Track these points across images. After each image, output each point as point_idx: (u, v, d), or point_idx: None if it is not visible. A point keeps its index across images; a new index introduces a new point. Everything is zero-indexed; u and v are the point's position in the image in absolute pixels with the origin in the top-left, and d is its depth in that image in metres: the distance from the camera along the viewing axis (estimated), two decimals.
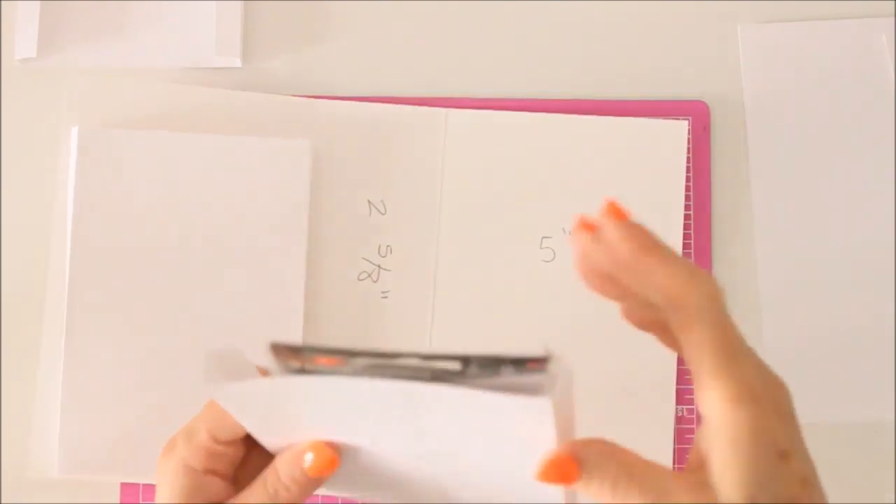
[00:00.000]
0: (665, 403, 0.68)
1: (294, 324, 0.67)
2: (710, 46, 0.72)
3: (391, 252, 0.69)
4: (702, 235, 0.70)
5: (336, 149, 0.69)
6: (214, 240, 0.68)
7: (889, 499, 0.68)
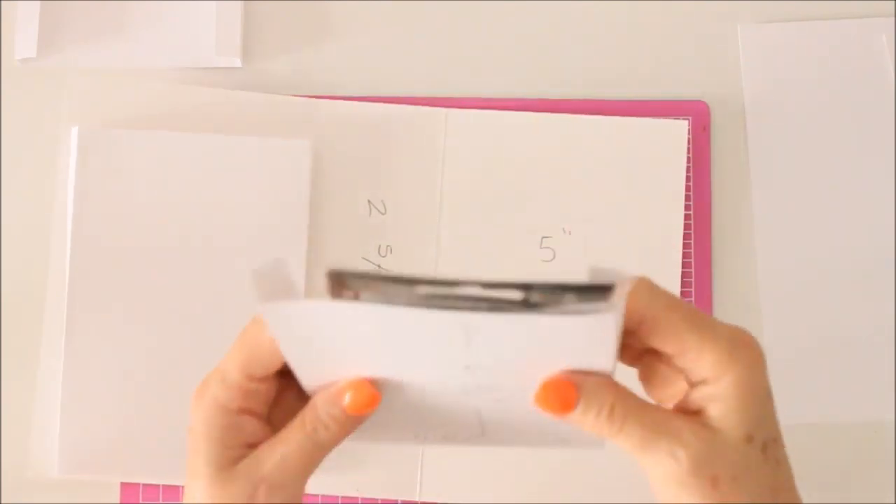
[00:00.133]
0: None
1: None
2: (710, 46, 0.72)
3: (391, 252, 0.69)
4: (702, 235, 0.70)
5: (336, 149, 0.69)
6: (214, 240, 0.68)
7: (889, 499, 0.68)
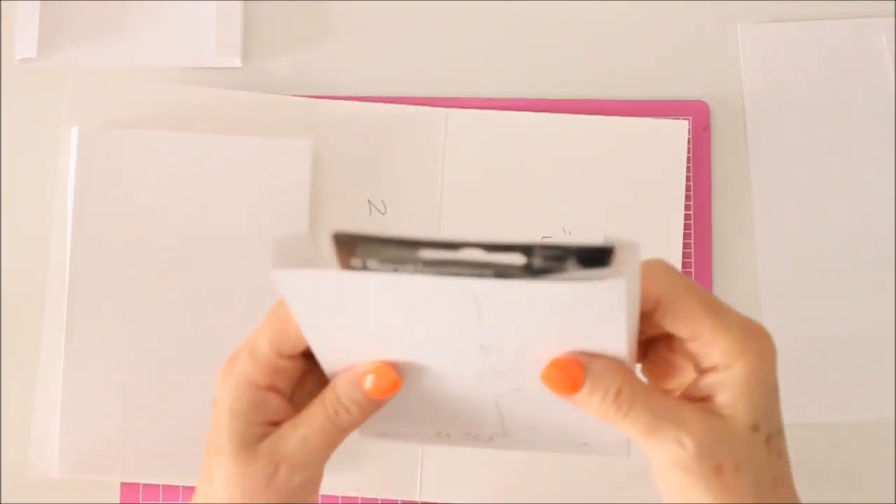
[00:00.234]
0: None
1: None
2: (710, 46, 0.72)
3: None
4: (702, 235, 0.70)
5: (336, 149, 0.69)
6: (214, 240, 0.68)
7: (889, 499, 0.68)
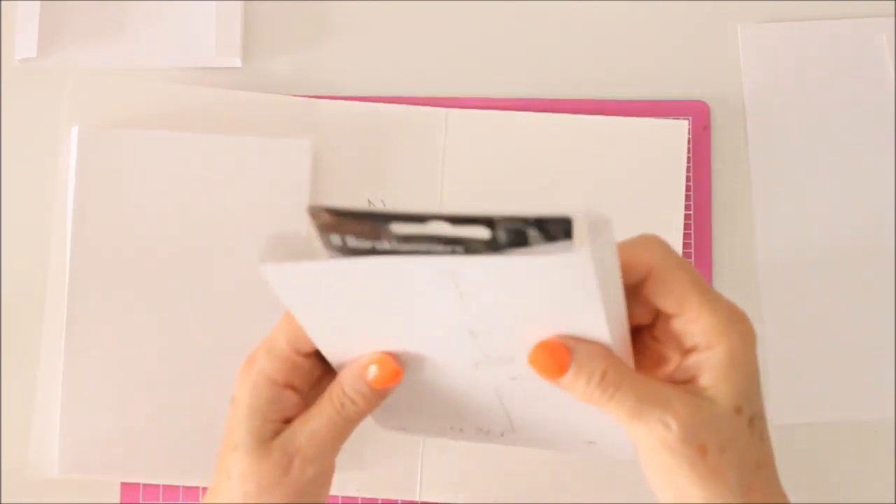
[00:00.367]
0: None
1: None
2: (710, 46, 0.72)
3: None
4: (702, 235, 0.70)
5: (336, 149, 0.69)
6: (214, 239, 0.68)
7: (889, 499, 0.68)
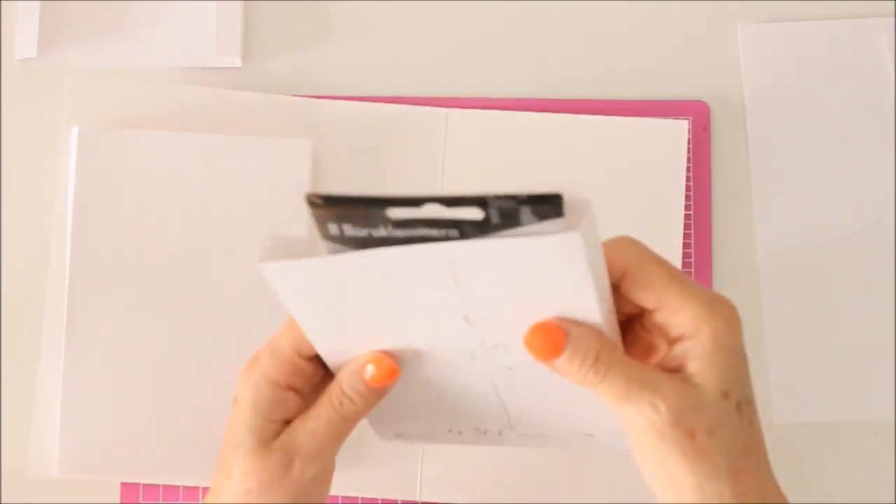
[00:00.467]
0: None
1: None
2: (710, 46, 0.72)
3: None
4: (702, 235, 0.70)
5: (336, 149, 0.69)
6: (214, 239, 0.68)
7: (889, 499, 0.68)
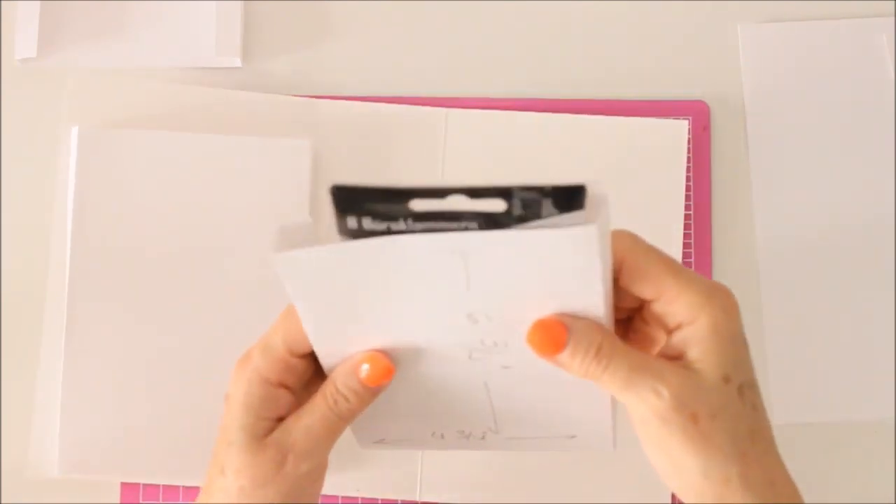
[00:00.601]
0: None
1: None
2: (710, 46, 0.72)
3: None
4: (702, 235, 0.70)
5: (336, 149, 0.69)
6: (214, 239, 0.68)
7: (889, 499, 0.68)
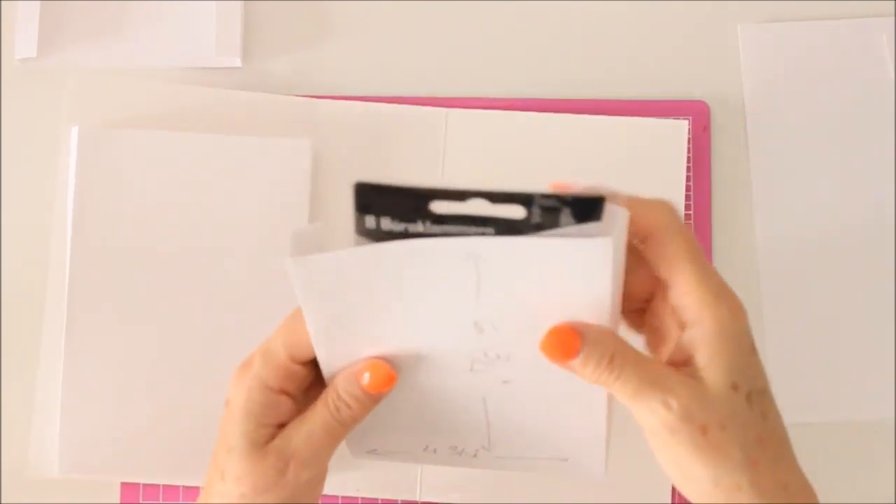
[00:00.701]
0: None
1: None
2: (710, 46, 0.72)
3: None
4: (702, 235, 0.70)
5: (336, 149, 0.69)
6: (214, 239, 0.68)
7: (889, 499, 0.68)
